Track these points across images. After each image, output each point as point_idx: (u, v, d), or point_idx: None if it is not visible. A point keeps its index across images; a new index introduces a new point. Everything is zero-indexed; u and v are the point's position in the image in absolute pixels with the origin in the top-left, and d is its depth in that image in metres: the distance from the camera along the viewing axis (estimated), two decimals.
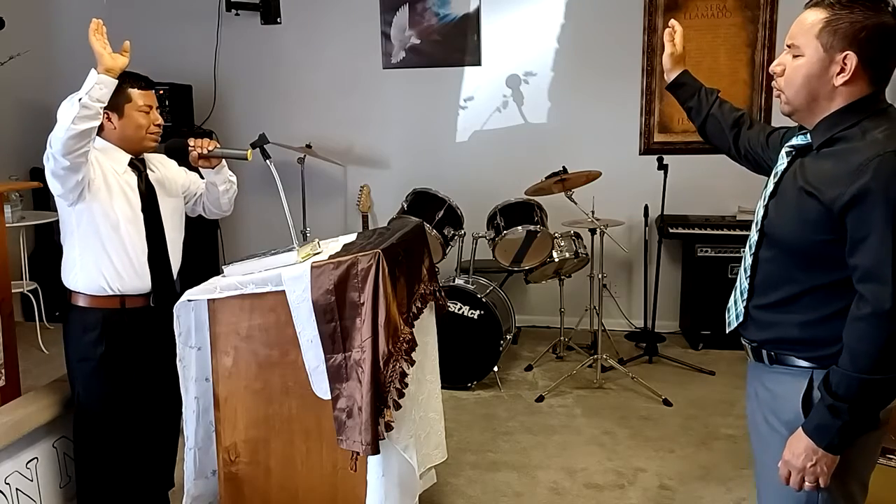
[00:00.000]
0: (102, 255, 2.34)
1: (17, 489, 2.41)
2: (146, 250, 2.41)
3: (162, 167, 2.55)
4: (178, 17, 5.37)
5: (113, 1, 5.19)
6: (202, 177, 2.63)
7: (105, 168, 2.33)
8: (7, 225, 2.94)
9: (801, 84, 1.54)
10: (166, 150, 2.58)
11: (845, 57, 1.48)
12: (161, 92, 4.93)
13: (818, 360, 1.56)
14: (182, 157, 2.54)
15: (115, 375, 2.38)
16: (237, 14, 5.23)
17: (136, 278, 2.39)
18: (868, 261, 1.43)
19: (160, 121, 2.45)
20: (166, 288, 2.48)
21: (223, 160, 2.55)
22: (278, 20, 5.27)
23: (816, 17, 1.52)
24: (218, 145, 2.48)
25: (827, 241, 1.49)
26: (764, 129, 1.90)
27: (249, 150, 2.42)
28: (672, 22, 2.06)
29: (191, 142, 2.46)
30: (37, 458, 2.49)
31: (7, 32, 3.70)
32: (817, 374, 1.56)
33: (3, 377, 2.90)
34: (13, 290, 3.06)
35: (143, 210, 2.41)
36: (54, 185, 2.24)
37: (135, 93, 2.35)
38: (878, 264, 1.42)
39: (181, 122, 5.07)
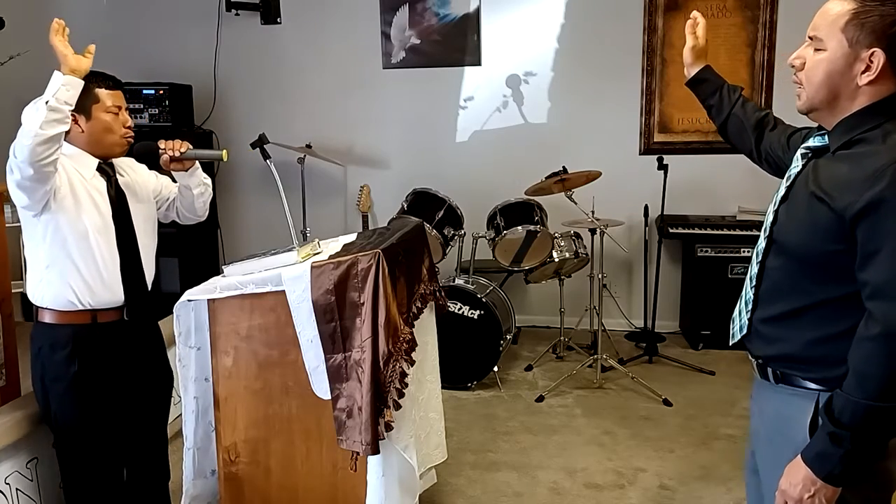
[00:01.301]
0: (71, 268, 2.19)
1: (17, 489, 2.41)
2: (118, 261, 2.26)
3: (131, 171, 2.39)
4: (178, 17, 5.37)
5: (113, 1, 5.19)
6: (174, 180, 2.48)
7: (71, 174, 2.18)
8: (7, 225, 2.93)
9: (821, 81, 1.44)
10: (136, 154, 2.42)
11: (872, 54, 1.37)
12: (161, 92, 4.94)
13: (826, 381, 1.45)
14: (153, 161, 2.40)
15: (91, 393, 2.24)
16: (237, 14, 5.23)
17: (107, 291, 2.24)
18: (879, 277, 1.32)
19: (130, 122, 2.30)
20: (140, 300, 2.33)
21: (197, 162, 2.41)
22: (278, 20, 5.27)
23: (843, 7, 1.40)
24: (190, 146, 2.34)
25: (838, 252, 1.39)
26: (785, 129, 1.80)
27: (225, 151, 2.36)
28: (694, 13, 1.93)
29: (161, 144, 2.32)
30: (37, 457, 2.48)
31: (7, 32, 3.70)
32: (823, 396, 1.45)
33: (3, 377, 2.89)
34: (13, 290, 3.05)
35: (114, 218, 2.25)
36: (19, 197, 2.09)
37: (102, 93, 2.21)
38: (890, 281, 1.31)
39: (181, 122, 5.07)
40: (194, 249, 5.18)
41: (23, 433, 2.42)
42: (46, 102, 1.96)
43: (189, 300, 2.25)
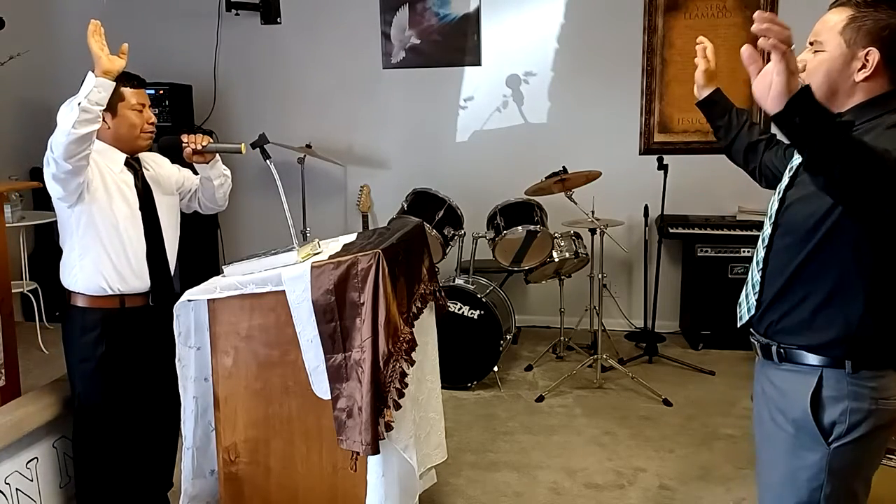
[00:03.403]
0: (102, 256, 2.34)
1: (17, 489, 2.41)
2: (145, 249, 2.42)
3: (156, 165, 2.56)
4: (178, 17, 5.37)
5: (113, 1, 5.19)
6: (196, 172, 2.64)
7: (102, 168, 2.34)
8: (7, 225, 2.94)
9: (821, 79, 1.56)
10: (160, 148, 2.59)
11: (867, 53, 1.51)
12: (161, 92, 4.94)
13: (828, 347, 1.56)
14: (176, 155, 2.55)
15: (116, 375, 2.38)
16: (237, 14, 5.23)
17: (135, 278, 2.40)
18: None
19: (153, 119, 2.46)
20: (164, 286, 2.50)
21: (217, 155, 2.57)
22: (278, 20, 5.28)
23: (841, 15, 1.55)
24: (211, 140, 2.50)
25: (844, 219, 1.49)
26: (781, 145, 1.92)
27: (243, 144, 2.45)
28: (701, 38, 2.02)
29: (184, 138, 2.47)
30: (37, 458, 2.49)
31: (7, 32, 3.69)
32: (826, 372, 1.56)
33: (3, 377, 2.90)
34: (13, 290, 3.06)
35: (141, 209, 2.42)
36: (55, 189, 2.24)
37: (127, 91, 2.36)
38: None
39: (181, 122, 5.07)
40: (194, 249, 5.17)
41: (23, 433, 2.42)
42: (79, 104, 2.07)
43: (189, 300, 2.25)
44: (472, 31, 5.06)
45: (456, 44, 5.10)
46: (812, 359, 1.59)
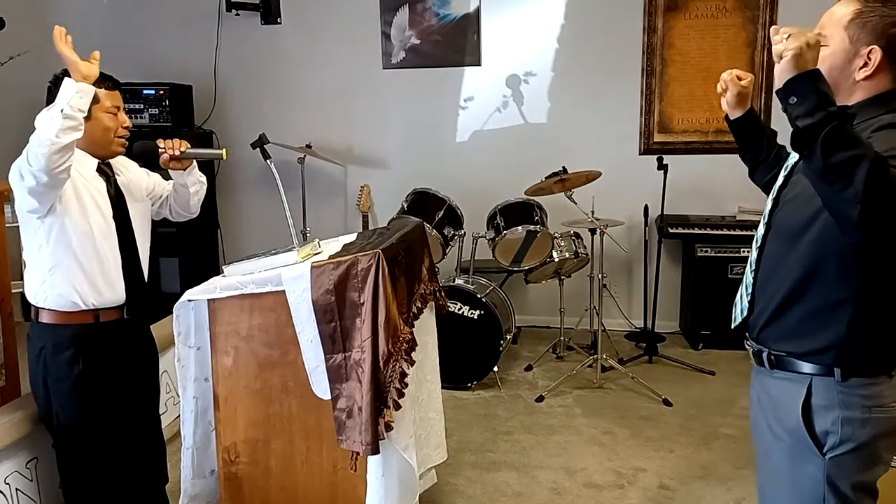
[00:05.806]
0: (75, 269, 2.20)
1: (17, 489, 2.41)
2: (119, 260, 2.28)
3: (126, 171, 2.41)
4: (178, 17, 5.37)
5: (113, 1, 5.19)
6: (167, 178, 2.49)
7: (74, 176, 2.17)
8: (7, 225, 2.93)
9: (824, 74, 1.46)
10: (135, 153, 2.44)
11: (870, 51, 1.47)
12: (161, 92, 4.94)
13: (818, 354, 1.53)
14: (153, 161, 2.41)
15: (94, 392, 2.25)
16: (237, 14, 5.23)
17: (111, 291, 2.26)
18: None
19: (128, 122, 2.32)
20: (139, 298, 2.35)
21: (194, 161, 2.43)
22: (278, 20, 5.28)
23: (847, 9, 1.51)
24: (189, 146, 2.36)
25: (830, 226, 1.43)
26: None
27: (225, 150, 2.37)
28: (724, 78, 1.86)
29: (161, 143, 2.34)
30: (37, 458, 2.49)
31: (7, 32, 3.69)
32: (816, 380, 1.53)
33: (4, 377, 2.89)
34: (13, 290, 3.05)
35: (115, 217, 2.28)
36: (29, 203, 2.09)
37: (101, 93, 2.20)
38: None
39: (181, 122, 5.07)
40: (194, 249, 5.18)
41: (23, 433, 2.41)
42: (61, 111, 1.95)
43: (189, 300, 2.25)
44: (472, 31, 5.06)
45: (456, 44, 5.10)
46: (802, 366, 1.55)
